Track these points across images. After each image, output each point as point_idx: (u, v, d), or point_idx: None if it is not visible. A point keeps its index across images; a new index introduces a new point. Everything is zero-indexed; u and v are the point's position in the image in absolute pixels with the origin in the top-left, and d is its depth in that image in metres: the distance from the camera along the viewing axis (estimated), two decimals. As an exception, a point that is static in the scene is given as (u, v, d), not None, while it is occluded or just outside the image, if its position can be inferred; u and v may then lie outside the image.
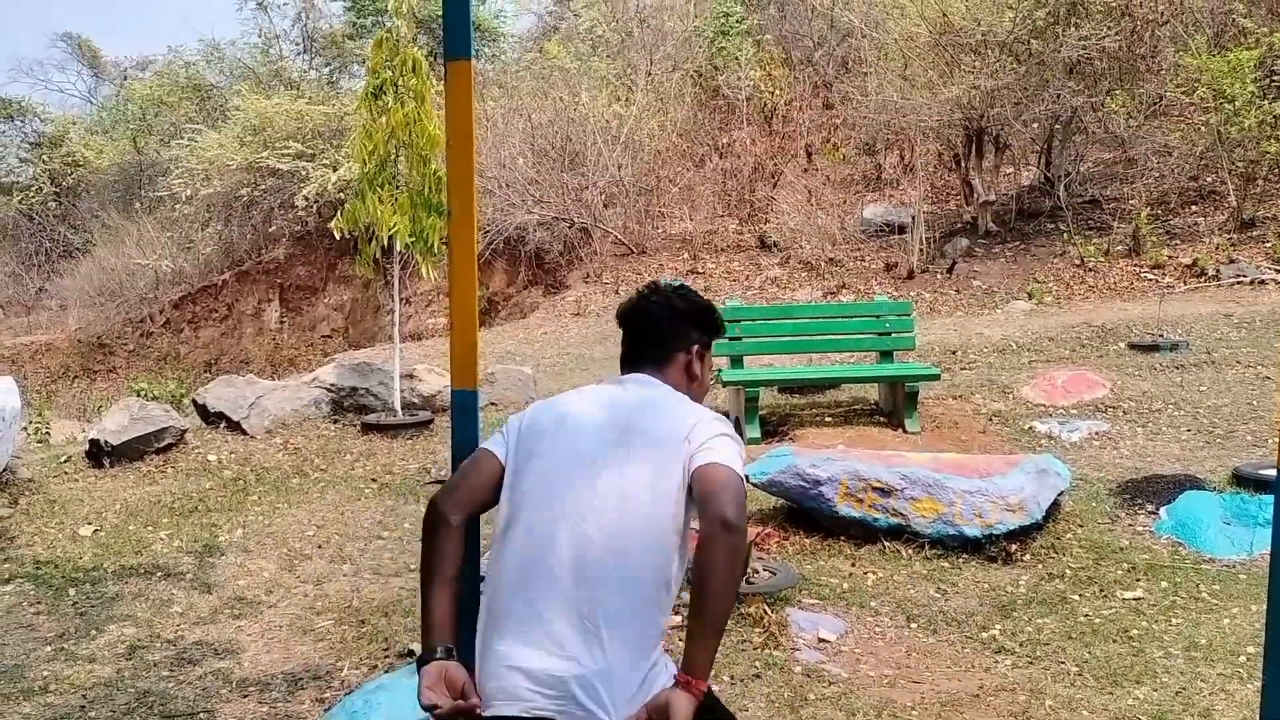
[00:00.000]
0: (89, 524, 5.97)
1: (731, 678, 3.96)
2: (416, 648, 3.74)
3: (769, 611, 4.59)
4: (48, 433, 8.40)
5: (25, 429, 7.93)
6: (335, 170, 16.07)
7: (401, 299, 16.89)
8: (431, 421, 7.68)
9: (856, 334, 8.02)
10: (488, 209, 14.39)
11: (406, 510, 6.10)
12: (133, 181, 22.26)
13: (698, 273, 13.51)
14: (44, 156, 23.92)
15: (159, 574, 5.25)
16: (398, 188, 7.41)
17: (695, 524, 1.81)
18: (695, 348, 2.11)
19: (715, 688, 3.90)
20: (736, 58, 16.63)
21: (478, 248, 2.22)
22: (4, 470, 6.56)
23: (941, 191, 14.72)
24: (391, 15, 7.84)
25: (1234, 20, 12.04)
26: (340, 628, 4.57)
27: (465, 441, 2.20)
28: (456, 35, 2.15)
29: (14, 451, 6.79)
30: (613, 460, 1.84)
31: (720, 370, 7.66)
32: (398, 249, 7.70)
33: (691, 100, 16.87)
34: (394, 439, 7.39)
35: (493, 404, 8.15)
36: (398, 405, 7.77)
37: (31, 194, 23.13)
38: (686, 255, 13.99)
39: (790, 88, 16.52)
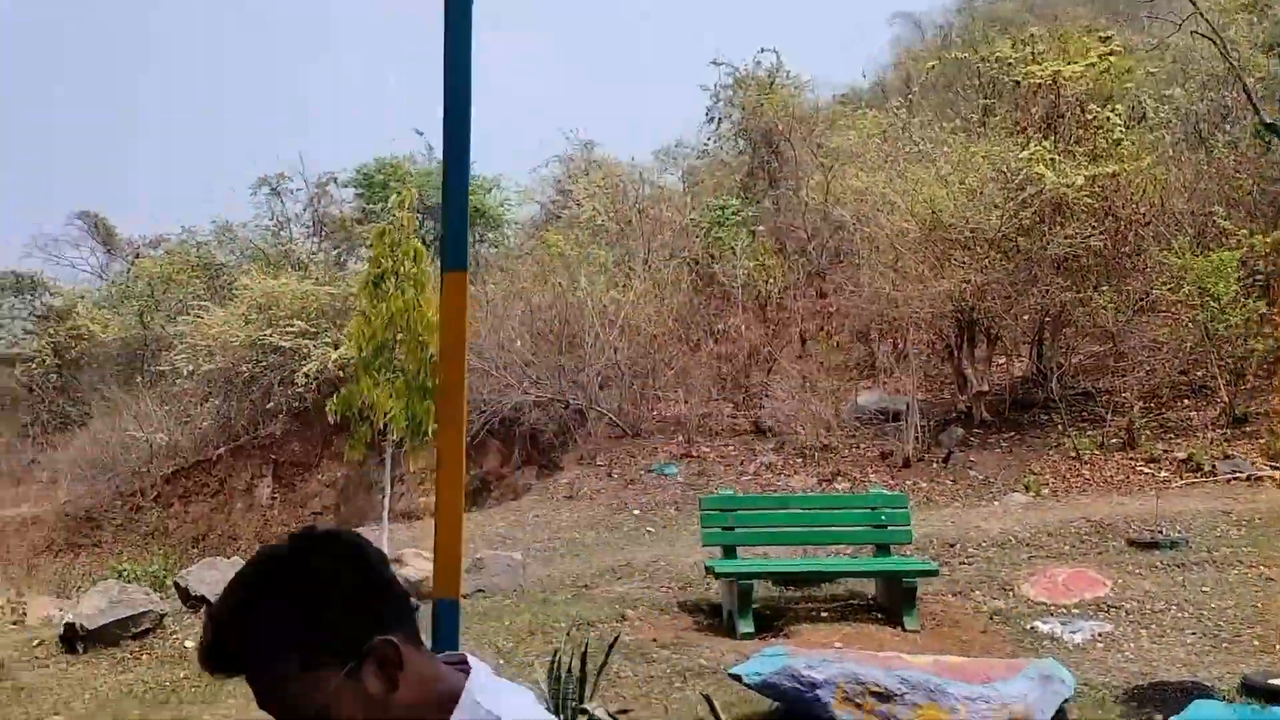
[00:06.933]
0: (55, 715, 5.71)
1: None
2: None
3: (763, 828, 4.34)
4: (24, 614, 8.16)
5: (1, 609, 7.72)
6: (336, 348, 16.28)
7: (394, 477, 16.81)
8: (417, 610, 7.47)
9: (852, 526, 7.93)
10: (484, 389, 14.47)
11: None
12: (136, 356, 22.49)
13: (692, 456, 13.48)
14: (50, 329, 24.25)
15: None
16: (394, 372, 7.48)
17: None
18: None
19: None
20: (732, 248, 17.14)
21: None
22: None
23: (935, 380, 14.87)
24: (392, 210, 8.14)
25: (1214, 221, 12.48)
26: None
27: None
28: (454, 248, 2.21)
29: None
30: None
31: (713, 561, 7.53)
32: (391, 432, 7.71)
33: (688, 287, 17.28)
34: (378, 627, 7.17)
35: (480, 591, 7.96)
36: (384, 591, 7.59)
37: (34, 365, 23.34)
38: (681, 438, 13.99)
39: (784, 276, 16.96)
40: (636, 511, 12.03)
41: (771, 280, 16.65)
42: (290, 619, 1.16)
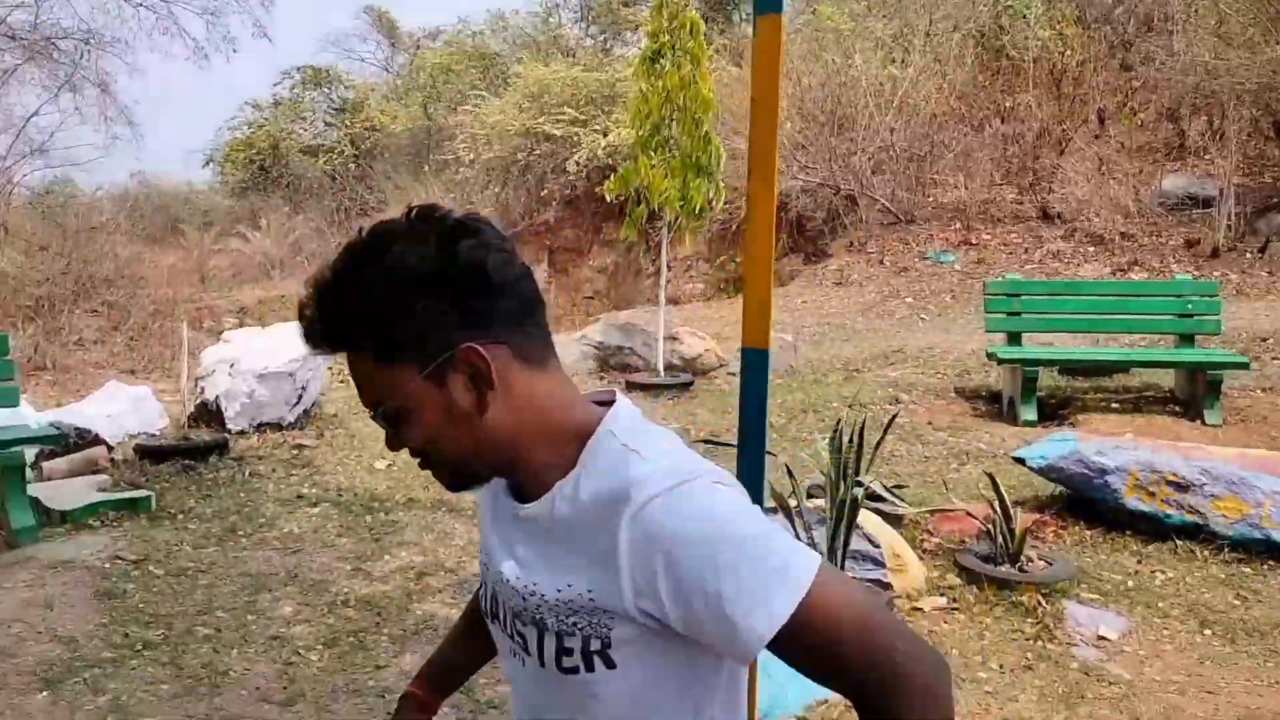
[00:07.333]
0: (383, 458, 6.50)
1: (1001, 666, 3.78)
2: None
3: (1043, 602, 4.34)
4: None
5: (330, 369, 8.72)
6: (605, 136, 16.52)
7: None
8: (692, 384, 7.78)
9: (1153, 314, 7.39)
10: (753, 174, 14.31)
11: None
12: (422, 145, 23.85)
13: (971, 244, 12.90)
14: (346, 121, 26.06)
15: (443, 508, 5.65)
16: (669, 151, 7.50)
17: None
18: None
19: (982, 674, 3.71)
20: (1025, 16, 15.61)
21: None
22: (313, 405, 7.25)
23: (1255, 162, 13.23)
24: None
25: None
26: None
27: (753, 401, 2.19)
28: (767, -13, 2.11)
29: (321, 389, 7.49)
30: None
31: (996, 347, 7.29)
32: (665, 214, 7.81)
33: (972, 62, 16.01)
34: (656, 398, 7.55)
35: (754, 369, 8.14)
36: (660, 366, 7.93)
37: (334, 155, 25.30)
38: (959, 225, 13.37)
39: (1083, 48, 15.32)
40: (909, 299, 11.77)
41: (1069, 52, 15.10)
42: (365, 302, 1.02)
